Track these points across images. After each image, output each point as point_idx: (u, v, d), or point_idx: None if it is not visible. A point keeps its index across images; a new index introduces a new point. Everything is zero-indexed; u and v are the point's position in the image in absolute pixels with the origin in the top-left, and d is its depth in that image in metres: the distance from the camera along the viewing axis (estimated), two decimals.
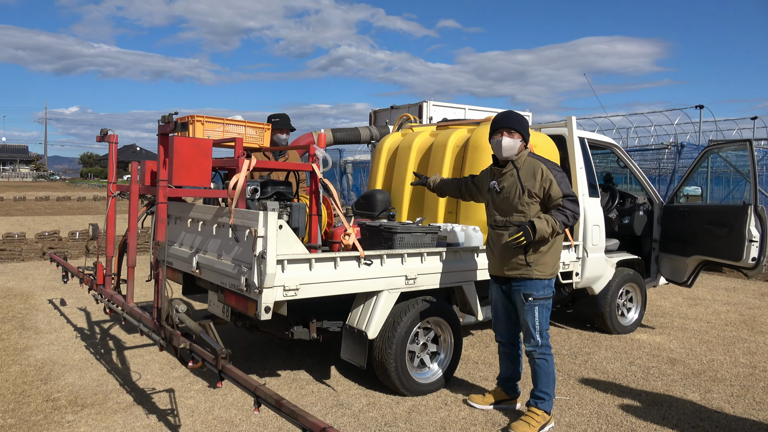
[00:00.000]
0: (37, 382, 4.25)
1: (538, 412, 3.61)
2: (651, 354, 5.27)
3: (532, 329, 3.61)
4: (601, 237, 5.52)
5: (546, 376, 3.62)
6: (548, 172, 3.56)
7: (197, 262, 4.01)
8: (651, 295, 7.74)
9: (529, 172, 3.60)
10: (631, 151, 15.35)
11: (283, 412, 2.23)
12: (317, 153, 3.94)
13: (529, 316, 3.62)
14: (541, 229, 3.44)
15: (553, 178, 3.54)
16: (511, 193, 3.61)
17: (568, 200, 3.54)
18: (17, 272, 8.74)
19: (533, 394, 3.68)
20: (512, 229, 3.54)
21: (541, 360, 3.63)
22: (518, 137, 3.63)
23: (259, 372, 4.55)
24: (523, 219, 3.55)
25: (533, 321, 3.61)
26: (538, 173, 3.56)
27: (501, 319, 3.89)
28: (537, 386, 3.66)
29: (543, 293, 3.61)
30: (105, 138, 4.21)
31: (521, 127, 3.64)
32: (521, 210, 3.58)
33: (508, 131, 3.61)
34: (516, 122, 3.65)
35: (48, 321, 5.92)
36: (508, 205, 3.63)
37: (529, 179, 3.57)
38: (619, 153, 6.16)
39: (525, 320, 3.64)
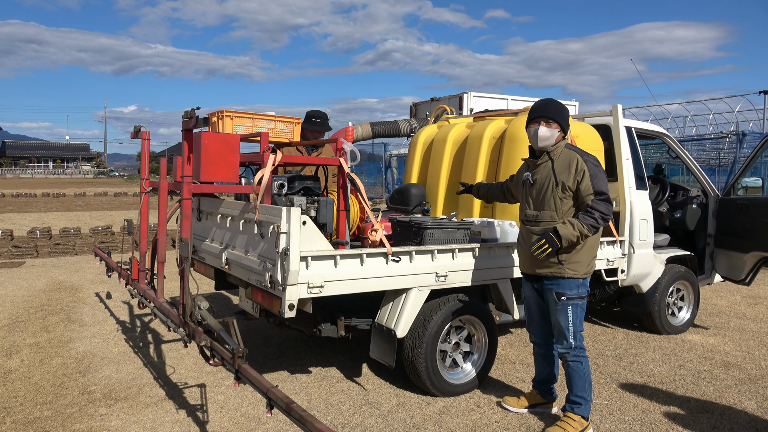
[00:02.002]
0: (76, 374, 4.35)
1: (575, 418, 3.42)
2: (703, 357, 4.95)
3: (566, 330, 3.43)
4: (649, 232, 5.21)
5: (581, 380, 3.43)
6: (583, 164, 3.35)
7: (226, 258, 3.99)
8: (706, 294, 7.31)
9: (564, 164, 3.40)
10: (688, 141, 14.61)
11: (293, 417, 2.16)
12: (345, 147, 3.85)
13: (562, 317, 3.43)
14: (566, 235, 3.27)
15: (587, 170, 3.33)
16: (545, 185, 3.43)
17: (599, 199, 3.32)
18: (69, 266, 9.09)
19: (569, 399, 3.50)
20: (535, 237, 3.38)
21: (576, 363, 3.44)
22: (556, 127, 3.43)
23: (290, 369, 4.52)
24: (554, 215, 3.38)
25: (566, 322, 3.42)
26: (573, 165, 3.36)
27: (534, 319, 3.71)
28: (572, 390, 3.48)
29: (577, 292, 3.41)
30: (138, 135, 4.26)
31: (560, 117, 3.44)
32: (553, 205, 3.39)
33: (546, 120, 3.42)
34: (554, 111, 3.45)
35: (93, 314, 6.09)
36: (540, 198, 3.45)
37: (563, 171, 3.38)
38: (670, 142, 5.80)
39: (557, 321, 3.45)
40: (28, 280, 7.84)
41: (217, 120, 4.15)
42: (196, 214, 4.58)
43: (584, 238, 3.33)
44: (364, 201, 3.89)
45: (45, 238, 11.53)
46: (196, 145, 3.47)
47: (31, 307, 6.36)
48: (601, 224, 3.32)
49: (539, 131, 3.42)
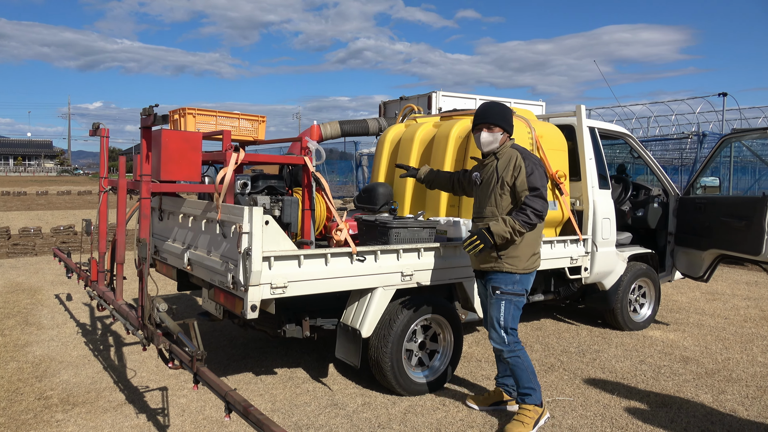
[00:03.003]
0: (32, 379, 4.22)
1: (528, 407, 3.50)
2: (663, 352, 5.07)
3: (496, 324, 3.46)
4: (611, 230, 5.31)
5: (524, 372, 3.50)
6: (520, 159, 3.43)
7: (189, 258, 3.92)
8: (667, 290, 7.49)
9: (505, 162, 3.50)
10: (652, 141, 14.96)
11: (250, 420, 2.13)
12: (309, 145, 3.81)
13: (495, 310, 3.47)
14: (498, 232, 3.32)
15: (523, 167, 3.40)
16: (490, 183, 3.52)
17: (533, 195, 3.36)
18: (29, 267, 8.82)
19: (518, 392, 3.57)
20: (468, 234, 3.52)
21: (513, 358, 3.49)
22: (498, 131, 3.54)
23: (255, 370, 4.47)
24: (495, 211, 3.47)
25: (498, 315, 3.46)
26: (512, 162, 3.45)
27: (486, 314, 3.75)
28: (519, 384, 3.53)
29: (512, 288, 3.46)
30: (97, 132, 4.15)
31: (502, 120, 3.55)
32: (494, 201, 3.48)
33: (488, 126, 3.53)
34: (495, 116, 3.55)
35: (52, 316, 5.92)
36: (485, 196, 3.55)
37: (504, 169, 3.48)
38: (632, 142, 5.92)
39: (490, 314, 3.52)
40: None
41: (179, 117, 4.07)
42: (157, 213, 4.48)
43: (518, 234, 3.36)
44: (329, 200, 3.87)
45: (3, 238, 11.16)
46: (155, 143, 3.40)
47: None
48: (535, 220, 3.34)
49: (482, 137, 3.54)
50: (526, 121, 4.71)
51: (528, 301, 5.22)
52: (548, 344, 5.23)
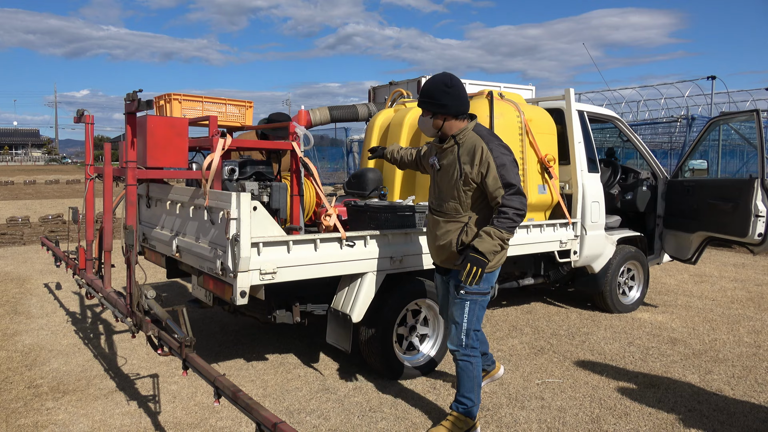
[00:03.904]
0: (22, 368, 4.20)
1: (460, 417, 3.20)
2: (651, 334, 5.12)
3: (458, 326, 3.13)
4: (600, 214, 5.34)
5: (470, 381, 3.17)
6: (488, 153, 2.97)
7: (177, 245, 3.90)
8: (655, 273, 7.56)
9: (468, 152, 3.04)
10: (641, 125, 15.00)
11: (239, 405, 2.13)
12: (297, 131, 3.79)
13: (457, 312, 3.13)
14: (488, 250, 2.91)
15: (491, 163, 2.95)
16: (449, 173, 3.11)
17: (510, 194, 2.94)
18: (17, 256, 8.74)
19: (456, 399, 3.23)
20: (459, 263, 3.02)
21: (465, 363, 3.16)
22: (428, 115, 3.11)
23: (247, 356, 4.47)
24: (458, 207, 3.09)
25: (461, 317, 3.12)
26: (477, 154, 2.99)
27: (444, 307, 3.49)
28: (460, 390, 3.20)
29: (477, 288, 3.06)
30: (81, 119, 4.09)
31: (429, 103, 3.06)
32: (456, 196, 3.09)
33: (423, 111, 3.15)
34: (423, 98, 3.09)
35: (41, 305, 5.88)
36: (445, 187, 3.15)
37: (467, 161, 3.04)
38: (621, 126, 5.93)
39: (452, 314, 3.18)
40: None
41: (165, 103, 4.02)
42: (145, 200, 4.45)
43: (507, 243, 3.03)
44: (317, 186, 3.85)
45: None
46: (141, 129, 3.36)
47: None
48: (518, 221, 2.96)
49: (418, 121, 3.20)
50: (515, 105, 4.70)
51: (518, 285, 5.28)
52: (538, 327, 5.27)
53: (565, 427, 3.36)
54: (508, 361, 4.41)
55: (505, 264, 4.93)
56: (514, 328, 5.23)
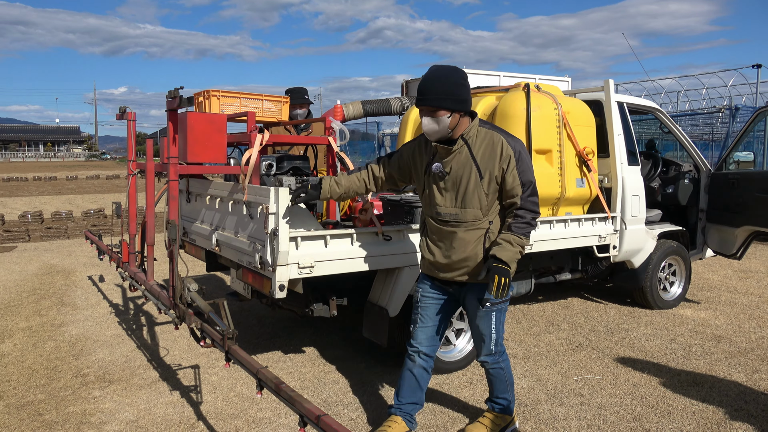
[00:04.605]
0: (69, 357, 4.35)
1: (498, 415, 3.16)
2: (694, 331, 4.99)
3: (488, 338, 2.99)
4: (641, 208, 5.22)
5: (503, 383, 3.11)
6: (507, 146, 2.77)
7: (216, 239, 3.97)
8: (697, 268, 7.35)
9: (486, 149, 2.79)
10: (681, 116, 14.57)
11: (282, 397, 2.16)
12: (333, 126, 3.80)
13: (485, 324, 2.97)
14: (511, 258, 2.73)
15: (513, 157, 2.76)
16: (463, 177, 2.80)
17: (529, 195, 2.78)
18: (62, 249, 9.05)
19: (491, 400, 3.18)
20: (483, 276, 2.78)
21: (496, 370, 3.08)
22: (444, 114, 2.72)
23: (284, 349, 4.53)
24: (479, 214, 2.82)
25: (489, 329, 2.96)
26: (497, 148, 2.77)
27: (427, 324, 3.07)
28: (493, 393, 3.15)
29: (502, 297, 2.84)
30: (124, 116, 4.19)
31: (448, 100, 2.70)
32: (478, 203, 2.81)
33: (429, 111, 2.72)
34: (438, 95, 2.69)
35: (85, 297, 6.08)
36: (460, 193, 2.82)
37: (488, 159, 2.78)
38: (662, 117, 5.77)
39: (478, 328, 3.00)
40: (20, 264, 7.80)
41: (204, 100, 4.08)
42: (185, 195, 4.54)
43: (524, 249, 2.83)
44: None
45: (37, 222, 11.46)
46: (182, 125, 3.43)
47: (24, 291, 6.33)
48: (535, 226, 2.84)
49: (424, 125, 2.74)
50: (552, 97, 4.62)
51: (555, 280, 5.21)
52: (576, 323, 5.19)
53: (606, 424, 3.31)
54: (546, 357, 4.36)
55: (541, 259, 4.93)
56: (551, 324, 5.17)
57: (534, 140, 4.42)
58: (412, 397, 3.11)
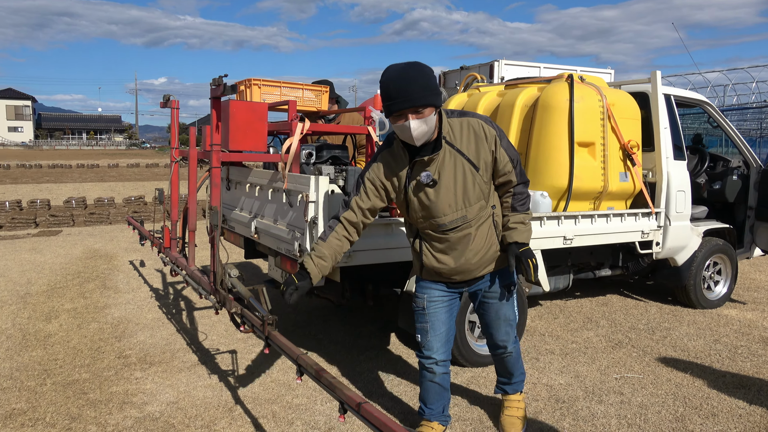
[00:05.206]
0: (112, 339, 4.47)
1: (520, 397, 3.16)
2: (740, 332, 4.82)
3: (514, 323, 2.96)
4: (686, 204, 5.06)
5: (519, 359, 3.11)
6: (490, 128, 2.62)
7: (256, 226, 4.01)
8: (744, 268, 7.10)
9: (469, 138, 2.60)
10: (729, 110, 14.09)
11: (322, 383, 2.17)
12: (373, 115, 3.79)
13: (509, 309, 2.91)
14: (529, 238, 2.72)
15: (496, 135, 2.62)
16: (457, 177, 2.59)
17: (519, 171, 2.70)
18: (104, 234, 9.31)
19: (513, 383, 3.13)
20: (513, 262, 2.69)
21: (517, 349, 3.07)
22: (430, 111, 2.45)
23: (318, 337, 4.57)
24: (484, 204, 2.69)
25: (513, 312, 2.95)
26: (480, 133, 2.60)
27: (440, 332, 2.88)
28: (514, 374, 3.10)
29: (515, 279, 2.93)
30: (167, 104, 4.26)
31: (432, 96, 2.42)
32: (480, 193, 2.65)
33: (415, 111, 2.41)
34: (421, 93, 2.39)
35: (127, 281, 6.24)
36: (459, 194, 2.61)
37: (476, 148, 2.59)
38: (711, 111, 5.57)
39: (506, 316, 2.90)
40: (65, 248, 8.06)
41: (245, 88, 4.13)
42: (225, 183, 4.60)
43: None
44: None
45: (80, 207, 11.82)
46: (224, 113, 3.47)
47: (69, 273, 6.54)
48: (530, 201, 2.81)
49: (412, 128, 2.42)
50: (597, 89, 4.51)
51: (594, 276, 5.11)
52: (615, 320, 5.08)
53: (647, 424, 3.23)
54: (584, 353, 4.28)
55: (581, 254, 4.83)
56: (589, 320, 5.07)
57: (577, 132, 4.32)
58: (440, 401, 2.98)
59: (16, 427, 3.12)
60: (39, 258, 7.36)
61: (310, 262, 2.61)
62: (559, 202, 4.47)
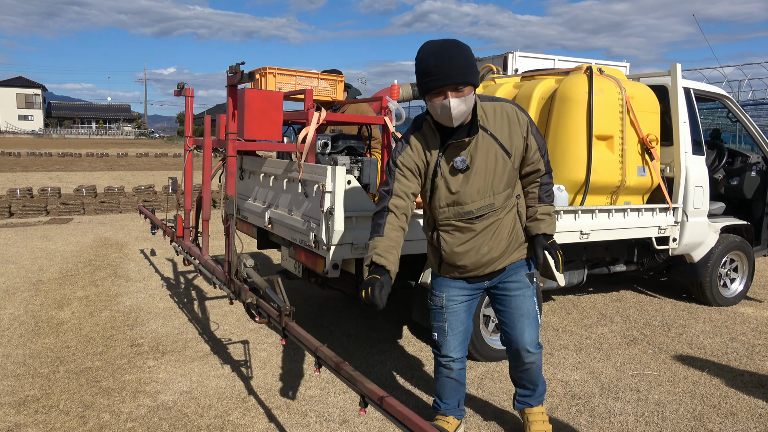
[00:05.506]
0: (124, 327, 4.47)
1: (543, 410, 2.95)
2: (757, 330, 4.76)
3: (535, 322, 2.74)
4: (704, 199, 4.98)
5: (540, 369, 2.86)
6: (522, 114, 2.54)
7: (269, 217, 3.98)
8: (759, 265, 7.01)
9: (502, 122, 2.49)
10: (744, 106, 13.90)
11: (342, 376, 2.13)
12: (390, 105, 3.74)
13: (530, 304, 2.71)
14: (554, 230, 2.63)
15: (528, 122, 2.53)
16: (489, 162, 2.47)
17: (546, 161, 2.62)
18: (115, 223, 9.32)
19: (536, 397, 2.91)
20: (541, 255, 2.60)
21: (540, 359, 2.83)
22: (470, 90, 2.35)
23: (332, 328, 4.54)
24: (511, 193, 2.58)
25: (534, 308, 2.73)
26: (514, 118, 2.50)
27: (458, 330, 2.77)
28: (537, 385, 2.87)
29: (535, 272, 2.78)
30: (182, 92, 4.23)
31: (472, 74, 2.33)
32: (507, 182, 2.53)
33: (455, 88, 2.31)
34: (464, 69, 2.30)
35: (138, 270, 6.24)
36: (489, 180, 2.49)
37: (507, 133, 2.49)
38: (730, 105, 5.48)
39: (529, 311, 2.69)
40: (76, 236, 8.07)
41: (260, 77, 4.08)
42: (238, 173, 4.56)
43: None
44: None
45: (91, 196, 11.84)
46: (239, 102, 3.43)
47: (80, 261, 6.55)
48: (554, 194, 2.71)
49: (452, 107, 2.31)
50: (616, 81, 4.43)
51: (609, 272, 5.05)
52: (629, 316, 5.02)
53: (665, 422, 3.19)
54: (599, 349, 4.23)
55: (596, 249, 4.77)
56: (603, 316, 5.01)
57: (595, 125, 4.26)
58: (455, 395, 2.90)
59: (30, 414, 3.11)
60: (50, 245, 7.38)
61: (381, 259, 2.41)
62: (575, 195, 4.42)
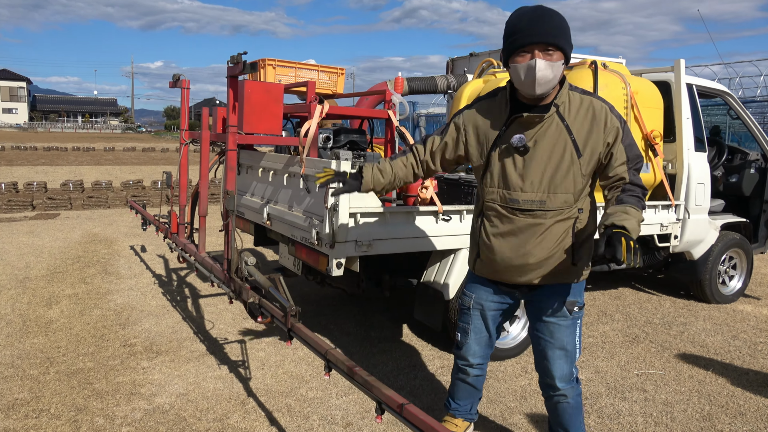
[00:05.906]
0: (116, 326, 4.33)
1: None
2: (758, 328, 4.74)
3: (570, 355, 2.39)
4: (705, 197, 4.95)
5: (581, 414, 2.52)
6: (614, 118, 2.21)
7: (268, 213, 3.87)
8: (758, 263, 7.02)
9: (585, 118, 2.20)
10: None
11: (356, 381, 2.03)
12: (394, 99, 3.64)
13: (569, 336, 2.37)
14: (634, 229, 2.06)
15: (619, 128, 2.21)
16: (554, 154, 2.19)
17: (635, 170, 2.23)
18: (103, 218, 9.13)
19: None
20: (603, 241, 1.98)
21: (577, 398, 2.48)
22: (560, 58, 2.11)
23: (330, 328, 4.44)
24: (570, 199, 2.23)
25: (573, 343, 2.38)
26: (601, 118, 2.19)
27: (483, 335, 2.57)
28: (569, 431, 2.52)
29: (583, 300, 2.41)
30: (177, 83, 4.10)
31: (566, 39, 2.12)
32: (572, 185, 2.21)
33: (545, 48, 2.08)
34: (559, 30, 2.10)
35: (129, 267, 6.09)
36: (547, 174, 2.21)
37: (588, 131, 2.19)
38: (731, 102, 5.45)
39: (563, 344, 2.37)
40: (64, 232, 7.89)
41: (259, 69, 3.96)
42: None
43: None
44: None
45: (78, 190, 11.61)
46: (240, 94, 3.31)
47: (68, 258, 6.38)
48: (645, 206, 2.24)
49: (537, 68, 2.06)
50: (621, 76, 4.37)
51: (609, 269, 4.99)
52: (630, 314, 4.98)
53: (675, 423, 3.13)
54: (602, 348, 4.18)
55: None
56: (603, 314, 4.97)
57: None
58: (469, 399, 2.75)
59: (20, 419, 2.99)
60: (37, 241, 7.19)
61: (368, 169, 2.47)
62: None
